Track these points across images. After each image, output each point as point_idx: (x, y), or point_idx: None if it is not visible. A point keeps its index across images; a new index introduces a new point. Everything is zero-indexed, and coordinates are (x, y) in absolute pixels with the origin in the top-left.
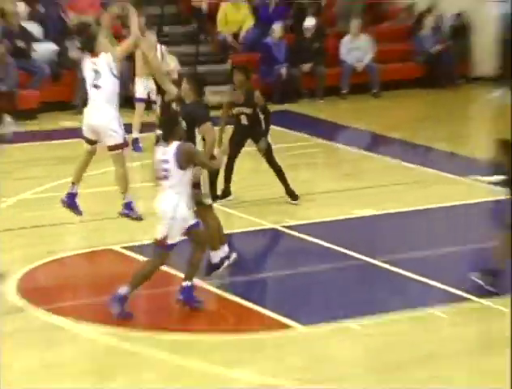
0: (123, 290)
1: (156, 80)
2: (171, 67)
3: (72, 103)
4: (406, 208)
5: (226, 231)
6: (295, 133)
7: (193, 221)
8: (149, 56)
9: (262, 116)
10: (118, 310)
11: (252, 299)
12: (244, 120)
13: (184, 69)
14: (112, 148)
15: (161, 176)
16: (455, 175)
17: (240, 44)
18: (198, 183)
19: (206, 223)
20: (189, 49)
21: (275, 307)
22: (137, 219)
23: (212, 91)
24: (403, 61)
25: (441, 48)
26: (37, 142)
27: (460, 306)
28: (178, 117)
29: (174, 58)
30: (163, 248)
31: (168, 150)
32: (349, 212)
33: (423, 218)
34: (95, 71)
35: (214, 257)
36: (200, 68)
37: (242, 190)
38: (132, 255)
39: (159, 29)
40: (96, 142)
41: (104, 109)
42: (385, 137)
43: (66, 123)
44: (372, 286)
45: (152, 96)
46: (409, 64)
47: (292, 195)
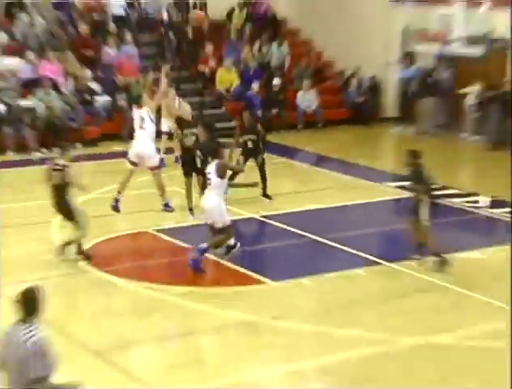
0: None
1: (176, 120)
2: (186, 111)
3: (120, 135)
4: (340, 203)
5: None
6: (268, 154)
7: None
8: (171, 105)
9: (261, 141)
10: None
11: (238, 264)
12: (250, 144)
13: (194, 112)
14: (152, 168)
15: (207, 184)
16: (372, 182)
17: (230, 96)
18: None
19: None
20: (197, 99)
21: (254, 269)
22: (171, 211)
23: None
24: (338, 107)
25: (362, 99)
26: (98, 160)
27: (376, 268)
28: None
29: (187, 105)
30: (228, 227)
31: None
32: (303, 206)
33: (351, 210)
34: (140, 118)
35: (230, 241)
36: (205, 111)
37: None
38: (160, 235)
39: (177, 86)
40: (137, 164)
41: (147, 143)
42: (327, 157)
43: (116, 148)
44: (319, 255)
45: (172, 131)
46: (342, 109)
47: (268, 195)
